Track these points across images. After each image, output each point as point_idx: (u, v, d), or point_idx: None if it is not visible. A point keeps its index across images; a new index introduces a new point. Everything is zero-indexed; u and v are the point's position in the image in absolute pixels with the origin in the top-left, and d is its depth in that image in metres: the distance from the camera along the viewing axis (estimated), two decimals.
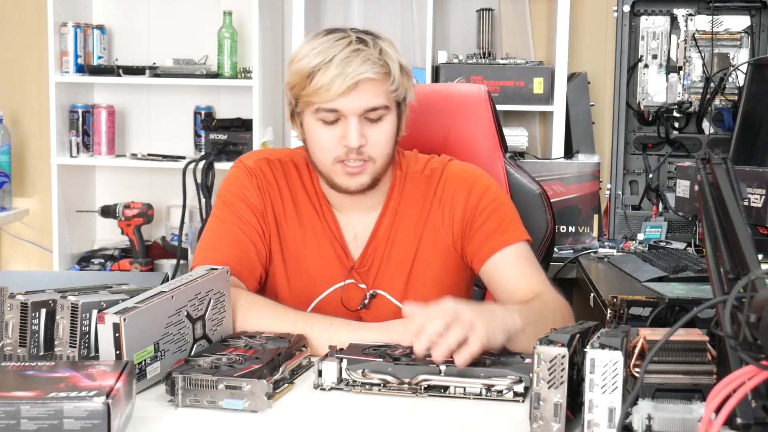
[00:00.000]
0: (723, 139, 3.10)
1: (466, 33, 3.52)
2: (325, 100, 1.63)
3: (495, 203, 1.75)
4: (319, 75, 1.62)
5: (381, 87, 1.65)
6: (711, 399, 0.98)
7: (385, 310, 1.74)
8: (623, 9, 3.15)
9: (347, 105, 1.63)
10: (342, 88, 1.61)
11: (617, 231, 3.12)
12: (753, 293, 0.99)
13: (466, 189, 1.74)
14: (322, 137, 1.67)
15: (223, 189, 1.79)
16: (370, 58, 1.63)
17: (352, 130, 1.64)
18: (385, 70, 1.65)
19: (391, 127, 1.69)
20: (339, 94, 1.62)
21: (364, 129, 1.65)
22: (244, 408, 1.28)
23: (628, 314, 1.36)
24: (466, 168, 1.81)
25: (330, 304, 1.74)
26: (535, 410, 1.16)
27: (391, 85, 1.66)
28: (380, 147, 1.68)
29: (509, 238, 1.71)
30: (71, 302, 1.36)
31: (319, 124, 1.67)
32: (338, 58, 1.62)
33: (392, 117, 1.69)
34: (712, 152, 1.24)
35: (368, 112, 1.65)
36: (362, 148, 1.65)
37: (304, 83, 1.64)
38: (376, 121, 1.66)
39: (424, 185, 1.77)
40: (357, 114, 1.64)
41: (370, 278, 1.74)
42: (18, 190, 3.76)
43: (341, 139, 1.65)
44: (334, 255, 1.75)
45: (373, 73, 1.63)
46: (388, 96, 1.66)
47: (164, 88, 3.70)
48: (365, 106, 1.64)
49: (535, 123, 3.53)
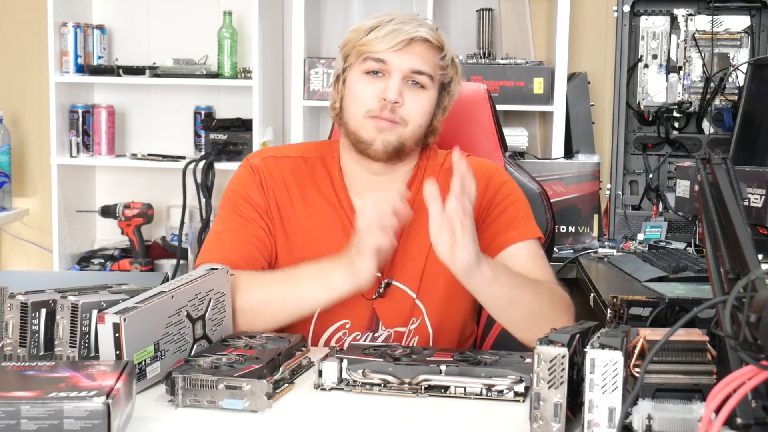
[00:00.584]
0: (723, 139, 3.09)
1: (466, 33, 3.52)
2: (377, 50, 1.67)
3: (510, 198, 1.76)
4: (377, 29, 1.68)
5: (431, 55, 1.69)
6: (711, 399, 0.98)
7: (399, 300, 1.74)
8: (623, 9, 3.15)
9: (395, 60, 1.67)
10: (395, 41, 1.66)
11: (617, 231, 3.12)
12: (753, 293, 0.99)
13: (483, 182, 1.74)
14: (362, 89, 1.70)
15: (227, 189, 1.81)
16: (427, 26, 1.71)
17: (393, 84, 1.67)
18: (441, 41, 1.71)
19: (428, 101, 1.71)
20: (390, 47, 1.67)
21: (404, 90, 1.68)
22: (244, 408, 1.28)
23: (628, 314, 1.36)
24: (484, 162, 1.82)
25: None
26: (535, 410, 1.16)
27: (441, 59, 1.70)
28: (415, 113, 1.69)
29: (522, 234, 1.72)
30: (71, 302, 1.36)
31: (363, 77, 1.70)
32: (398, 19, 1.70)
33: (432, 93, 1.71)
34: (712, 152, 1.24)
35: (413, 74, 1.68)
36: (397, 107, 1.67)
37: (360, 36, 1.70)
38: (417, 88, 1.69)
39: (445, 177, 1.77)
40: (402, 72, 1.67)
41: (385, 267, 1.74)
42: (18, 190, 3.76)
43: (380, 93, 1.67)
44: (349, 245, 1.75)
45: (429, 36, 1.69)
46: (435, 68, 1.70)
47: (164, 88, 3.70)
48: (411, 67, 1.67)
49: (535, 123, 3.53)
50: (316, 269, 1.62)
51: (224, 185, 3.74)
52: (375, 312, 1.73)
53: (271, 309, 1.62)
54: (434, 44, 1.70)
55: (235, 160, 3.50)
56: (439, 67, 1.70)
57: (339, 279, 1.59)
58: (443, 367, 1.37)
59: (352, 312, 1.73)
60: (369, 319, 1.74)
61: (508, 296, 1.57)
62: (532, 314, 1.60)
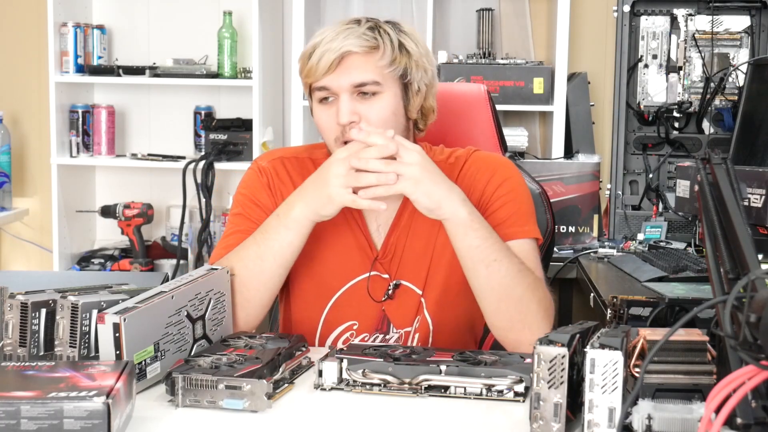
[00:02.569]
0: (723, 139, 3.09)
1: (466, 33, 3.52)
2: (315, 79, 1.66)
3: (511, 194, 1.73)
4: (313, 55, 1.66)
5: (368, 61, 1.65)
6: (711, 399, 0.97)
7: (408, 299, 1.74)
8: (623, 9, 3.15)
9: (334, 82, 1.65)
10: (327, 64, 1.63)
11: (617, 231, 3.12)
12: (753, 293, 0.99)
13: (487, 176, 1.74)
14: (322, 118, 1.69)
15: (236, 191, 1.82)
16: (355, 34, 1.65)
17: (343, 106, 1.64)
18: (372, 45, 1.65)
19: (387, 104, 1.67)
20: (326, 71, 1.64)
21: (357, 106, 1.65)
22: (244, 408, 1.28)
23: (628, 314, 1.36)
24: (491, 156, 1.81)
25: (353, 295, 1.74)
26: (535, 410, 1.16)
27: (380, 60, 1.65)
28: (376, 124, 1.65)
29: (516, 233, 1.70)
30: (71, 302, 1.36)
31: (319, 107, 1.69)
32: (327, 38, 1.65)
33: (389, 94, 1.67)
34: (712, 152, 1.24)
35: (358, 88, 1.65)
36: (355, 124, 1.64)
37: (304, 65, 1.68)
38: (369, 98, 1.66)
39: (447, 172, 1.76)
40: (346, 90, 1.65)
41: (393, 268, 1.74)
42: (18, 190, 3.76)
43: (336, 117, 1.66)
44: (357, 246, 1.75)
45: (357, 47, 1.64)
46: (379, 71, 1.65)
47: (164, 88, 3.70)
48: (352, 82, 1.64)
49: (535, 123, 3.53)
50: (275, 216, 1.65)
51: (224, 185, 3.77)
52: (385, 314, 1.74)
53: (254, 271, 1.64)
54: (365, 50, 1.65)
55: (235, 160, 3.50)
56: (383, 67, 1.66)
57: (298, 210, 1.61)
58: (443, 367, 1.37)
59: (359, 313, 1.73)
60: (378, 320, 1.74)
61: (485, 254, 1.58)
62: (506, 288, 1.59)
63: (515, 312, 1.60)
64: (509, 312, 1.60)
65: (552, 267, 2.32)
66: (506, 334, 1.63)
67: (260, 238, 1.65)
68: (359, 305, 1.73)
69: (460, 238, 1.59)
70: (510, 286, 1.59)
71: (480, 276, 1.60)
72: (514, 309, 1.60)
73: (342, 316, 1.74)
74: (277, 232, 1.64)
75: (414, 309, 1.73)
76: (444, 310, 1.73)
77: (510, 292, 1.59)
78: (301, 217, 1.62)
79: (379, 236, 1.76)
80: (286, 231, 1.63)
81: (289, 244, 1.64)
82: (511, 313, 1.60)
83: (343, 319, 1.74)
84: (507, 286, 1.59)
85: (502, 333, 1.63)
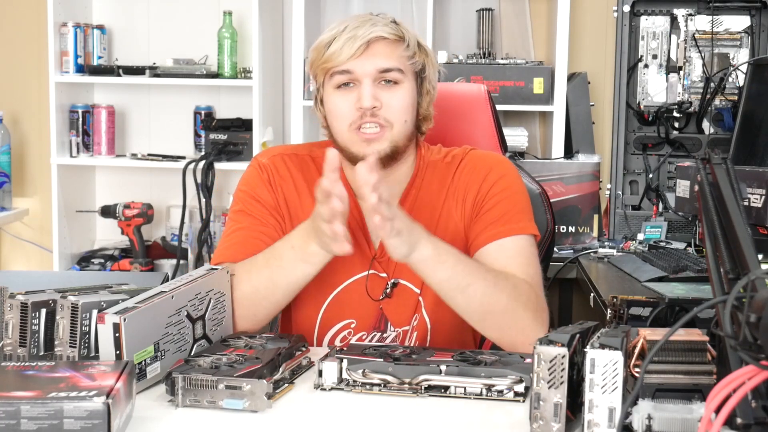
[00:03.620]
0: (723, 139, 3.09)
1: (466, 33, 3.52)
2: (339, 63, 1.66)
3: (506, 192, 1.73)
4: (335, 42, 1.67)
5: (394, 50, 1.67)
6: (711, 399, 0.98)
7: (406, 298, 1.74)
8: (623, 9, 3.15)
9: (359, 66, 1.66)
10: (353, 49, 1.65)
11: (617, 231, 3.12)
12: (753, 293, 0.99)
13: (482, 175, 1.74)
14: (338, 104, 1.69)
15: (237, 189, 1.82)
16: (381, 23, 1.69)
17: (365, 90, 1.65)
18: (398, 34, 1.68)
19: (408, 93, 1.69)
20: (351, 56, 1.65)
21: (379, 92, 1.66)
22: (244, 408, 1.28)
23: (628, 314, 1.36)
24: (486, 155, 1.81)
25: (351, 293, 1.74)
26: (535, 410, 1.16)
27: (405, 50, 1.68)
28: (396, 112, 1.67)
29: (510, 230, 1.69)
30: (71, 302, 1.36)
31: (336, 93, 1.69)
32: (351, 26, 1.67)
33: (409, 85, 1.69)
34: (712, 152, 1.24)
35: (382, 74, 1.66)
36: (377, 110, 1.66)
37: (321, 53, 1.68)
38: (391, 85, 1.68)
39: (443, 172, 1.77)
40: (370, 75, 1.66)
41: (391, 267, 1.74)
42: (18, 190, 3.75)
43: (356, 102, 1.66)
44: (355, 245, 1.73)
45: (385, 33, 1.67)
46: (402, 61, 1.68)
47: (164, 88, 3.70)
48: (378, 67, 1.66)
49: (535, 123, 3.53)
50: (290, 247, 1.63)
51: (224, 185, 3.77)
52: (383, 312, 1.74)
53: (265, 294, 1.64)
54: (394, 38, 1.68)
55: (235, 160, 3.50)
56: (405, 57, 1.68)
57: (315, 248, 1.59)
58: (443, 367, 1.37)
59: (357, 312, 1.73)
60: (376, 319, 1.74)
61: (457, 282, 1.57)
62: (487, 305, 1.58)
63: (503, 322, 1.60)
64: (497, 323, 1.60)
65: (552, 267, 2.32)
66: (500, 341, 1.63)
67: (275, 264, 1.63)
68: (357, 304, 1.73)
69: (430, 274, 1.57)
70: (491, 302, 1.58)
71: (459, 303, 1.59)
72: (501, 320, 1.59)
73: (339, 315, 1.74)
74: (294, 264, 1.62)
75: (412, 308, 1.73)
76: (442, 309, 1.73)
77: (492, 308, 1.59)
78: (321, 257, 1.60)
79: (377, 235, 1.76)
80: (304, 264, 1.62)
81: (305, 276, 1.64)
82: (499, 324, 1.60)
83: (340, 318, 1.74)
84: (488, 304, 1.58)
85: (496, 341, 1.64)
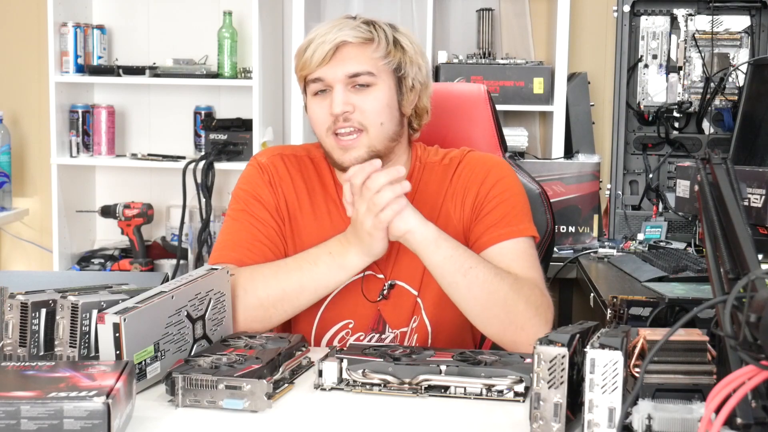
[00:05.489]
0: (723, 139, 3.10)
1: (466, 33, 3.52)
2: (310, 71, 1.67)
3: (505, 194, 1.73)
4: (308, 49, 1.68)
5: (363, 52, 1.67)
6: (711, 399, 0.97)
7: (403, 299, 1.74)
8: (623, 9, 3.15)
9: (329, 73, 1.66)
10: (321, 55, 1.65)
11: (617, 231, 3.13)
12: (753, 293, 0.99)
13: (481, 177, 1.73)
14: (315, 111, 1.70)
15: (236, 188, 1.82)
16: (350, 26, 1.68)
17: (336, 96, 1.65)
18: (367, 36, 1.67)
19: (382, 95, 1.68)
20: (320, 62, 1.66)
21: (351, 97, 1.66)
22: (244, 408, 1.28)
23: (628, 314, 1.36)
24: (485, 157, 1.81)
25: (348, 294, 1.74)
26: (535, 410, 1.16)
27: (375, 51, 1.67)
28: (370, 115, 1.66)
29: (511, 232, 1.69)
30: (71, 302, 1.36)
31: (313, 100, 1.70)
32: (321, 31, 1.68)
33: (384, 87, 1.68)
34: (712, 152, 1.24)
35: (352, 78, 1.66)
36: (349, 115, 1.66)
37: (299, 60, 1.70)
38: (363, 89, 1.67)
39: (441, 174, 1.77)
40: (340, 81, 1.66)
41: (388, 268, 1.74)
42: (18, 190, 3.76)
43: (329, 109, 1.67)
44: None
45: (350, 37, 1.66)
46: (373, 63, 1.67)
47: (164, 88, 3.70)
48: (346, 72, 1.66)
49: (535, 123, 3.53)
50: (327, 253, 1.65)
51: (224, 185, 3.77)
52: (381, 314, 1.74)
53: (289, 297, 1.64)
54: (360, 41, 1.67)
55: (235, 160, 3.51)
56: (377, 59, 1.67)
57: (354, 258, 1.63)
58: (443, 367, 1.37)
59: (355, 312, 1.73)
60: (373, 320, 1.74)
61: (459, 263, 1.57)
62: (488, 294, 1.58)
63: (504, 315, 1.58)
64: (498, 317, 1.59)
65: (552, 267, 2.32)
66: (501, 338, 1.62)
67: (307, 268, 1.65)
68: (354, 305, 1.73)
69: (432, 251, 1.58)
70: (492, 290, 1.58)
71: (460, 286, 1.59)
72: (502, 312, 1.58)
73: (337, 315, 1.74)
74: (329, 269, 1.64)
75: (410, 309, 1.73)
76: (442, 312, 1.73)
77: (494, 297, 1.58)
78: (357, 265, 1.64)
79: None
80: (339, 271, 1.64)
81: (336, 284, 1.67)
82: (500, 318, 1.59)
83: (338, 318, 1.74)
84: (489, 291, 1.58)
85: (497, 338, 1.63)
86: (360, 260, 1.63)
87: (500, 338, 1.62)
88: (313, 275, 1.64)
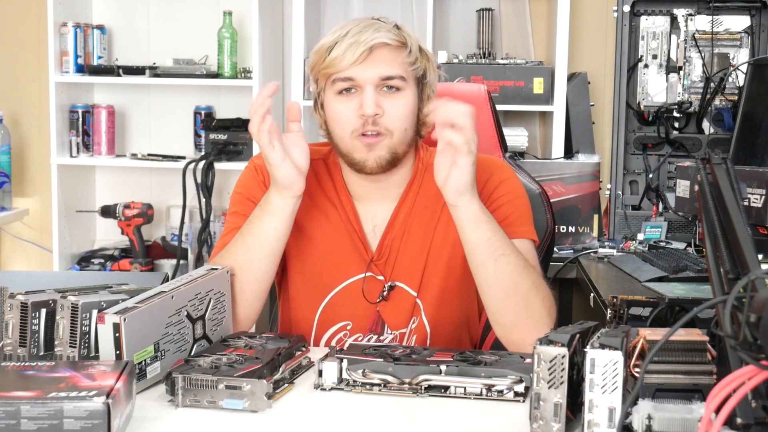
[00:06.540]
0: (723, 139, 3.10)
1: (466, 33, 3.52)
2: (341, 69, 1.65)
3: (507, 196, 1.73)
4: (336, 48, 1.65)
5: (397, 56, 1.66)
6: (711, 399, 0.97)
7: (402, 301, 1.74)
8: (623, 9, 3.15)
9: (362, 73, 1.64)
10: (356, 55, 1.63)
11: (617, 231, 3.12)
12: (753, 293, 0.99)
13: (484, 178, 1.73)
14: (339, 110, 1.68)
15: (233, 190, 1.83)
16: (384, 29, 1.67)
17: (367, 97, 1.64)
18: (401, 40, 1.67)
19: (409, 101, 1.68)
20: (353, 62, 1.64)
21: (380, 99, 1.65)
22: (244, 408, 1.28)
23: (628, 314, 1.36)
24: (487, 158, 1.80)
25: (347, 295, 1.74)
26: (535, 410, 1.16)
27: (407, 57, 1.67)
28: (397, 120, 1.66)
29: (512, 233, 1.68)
30: (71, 302, 1.36)
31: (337, 99, 1.68)
32: (353, 31, 1.66)
33: (410, 92, 1.68)
34: (712, 152, 1.24)
35: (384, 81, 1.65)
36: (378, 118, 1.64)
37: (323, 57, 1.67)
38: (393, 92, 1.66)
39: None
40: (372, 82, 1.64)
41: (388, 270, 1.74)
42: (18, 190, 3.76)
43: (358, 109, 1.65)
44: (352, 247, 1.75)
45: (388, 39, 1.65)
46: (404, 67, 1.67)
47: (164, 88, 3.70)
48: (380, 74, 1.64)
49: (535, 123, 3.53)
50: (257, 207, 1.68)
51: (224, 185, 3.77)
52: (380, 315, 1.74)
53: (242, 263, 1.65)
54: (396, 44, 1.66)
55: (235, 160, 3.51)
56: (408, 64, 1.67)
57: (275, 197, 1.64)
58: (443, 367, 1.37)
59: (353, 313, 1.73)
60: (372, 321, 1.74)
61: (495, 246, 1.57)
62: (512, 285, 1.59)
63: (522, 308, 1.59)
64: (516, 308, 1.59)
65: (552, 267, 2.32)
66: (511, 332, 1.62)
67: (245, 229, 1.67)
68: (353, 306, 1.73)
69: (472, 229, 1.58)
70: (516, 282, 1.59)
71: (488, 270, 1.59)
72: (521, 305, 1.59)
73: (336, 316, 1.74)
74: (260, 220, 1.65)
75: (409, 311, 1.73)
76: (441, 313, 1.73)
77: (517, 288, 1.59)
78: (276, 201, 1.64)
79: (374, 238, 1.76)
80: (267, 216, 1.65)
81: (273, 230, 1.65)
82: (518, 310, 1.59)
83: (337, 319, 1.74)
84: (514, 282, 1.58)
85: (507, 330, 1.62)
86: (279, 198, 1.64)
87: (510, 331, 1.62)
88: (251, 233, 1.65)
